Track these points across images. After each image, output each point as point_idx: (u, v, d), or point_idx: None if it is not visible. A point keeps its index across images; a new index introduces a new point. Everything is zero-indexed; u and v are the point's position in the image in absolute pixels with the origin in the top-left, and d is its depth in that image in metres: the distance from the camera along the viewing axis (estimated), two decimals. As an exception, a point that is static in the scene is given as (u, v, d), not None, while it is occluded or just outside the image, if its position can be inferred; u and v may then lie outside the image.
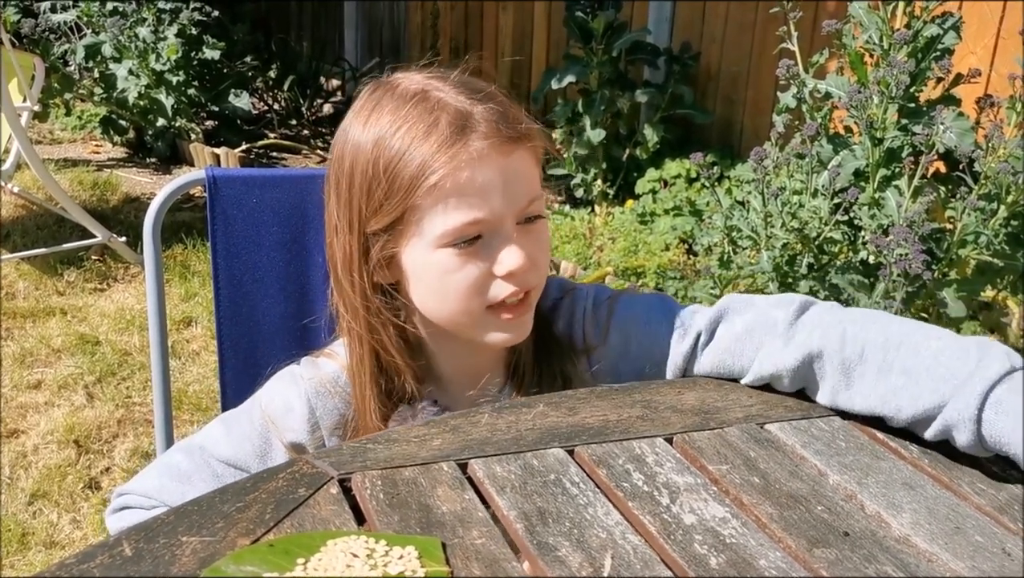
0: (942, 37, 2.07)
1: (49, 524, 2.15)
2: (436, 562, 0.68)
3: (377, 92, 1.02)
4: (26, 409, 2.61)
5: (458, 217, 0.95)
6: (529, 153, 1.00)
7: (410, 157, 0.95)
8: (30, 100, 3.46)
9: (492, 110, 0.98)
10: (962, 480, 0.85)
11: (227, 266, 1.28)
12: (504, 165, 0.97)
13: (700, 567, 0.70)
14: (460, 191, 0.95)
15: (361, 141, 0.99)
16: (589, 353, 1.09)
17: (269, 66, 5.75)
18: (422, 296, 1.01)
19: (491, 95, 1.01)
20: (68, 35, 5.03)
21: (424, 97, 0.98)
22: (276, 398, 1.06)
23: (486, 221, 0.96)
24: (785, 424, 0.93)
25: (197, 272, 3.52)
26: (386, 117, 0.98)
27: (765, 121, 3.92)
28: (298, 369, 1.08)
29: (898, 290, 1.94)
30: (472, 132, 0.96)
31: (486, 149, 0.95)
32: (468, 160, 0.95)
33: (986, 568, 0.72)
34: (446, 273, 0.98)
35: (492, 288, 0.98)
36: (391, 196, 0.96)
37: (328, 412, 1.05)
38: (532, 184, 1.00)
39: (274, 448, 1.05)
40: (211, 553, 0.68)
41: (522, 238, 0.98)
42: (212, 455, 1.05)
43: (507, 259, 0.97)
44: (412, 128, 0.96)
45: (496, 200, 0.96)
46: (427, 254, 0.98)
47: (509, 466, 0.81)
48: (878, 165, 2.12)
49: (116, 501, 1.07)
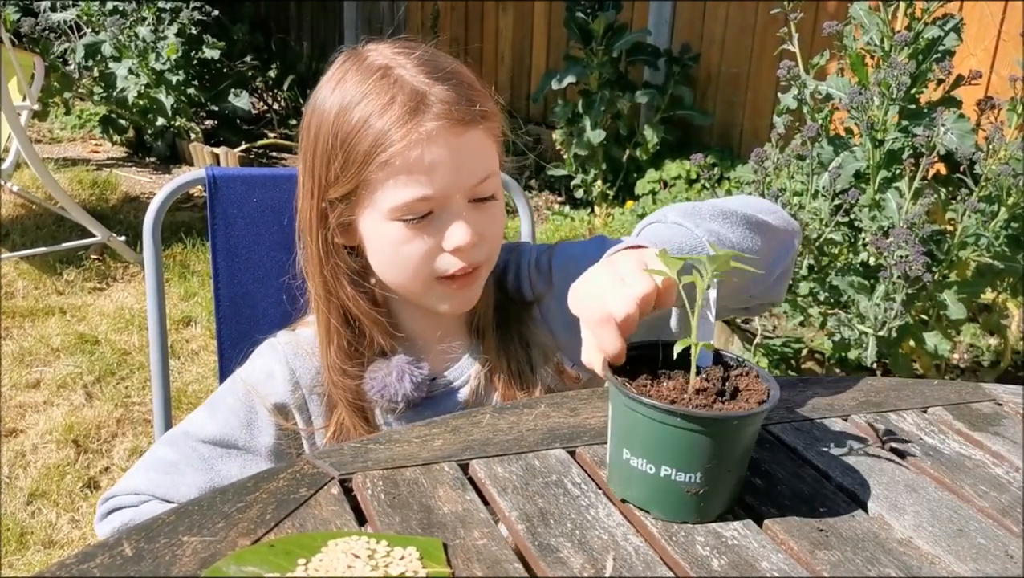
0: (943, 39, 2.07)
1: (48, 523, 2.15)
2: (437, 563, 0.67)
3: (347, 63, 1.05)
4: (25, 408, 2.61)
5: (407, 193, 0.99)
6: (484, 133, 1.02)
7: (365, 132, 0.99)
8: (30, 99, 3.46)
9: (448, 91, 1.00)
10: (964, 482, 0.85)
11: (227, 265, 1.28)
12: (456, 145, 0.99)
13: (702, 569, 0.70)
14: (410, 168, 0.98)
15: (325, 110, 1.03)
16: (539, 301, 1.14)
17: (269, 66, 5.75)
18: (377, 263, 1.06)
19: (452, 74, 1.03)
20: (68, 34, 5.03)
21: (385, 73, 1.01)
22: (257, 367, 1.09)
23: (434, 198, 0.99)
24: (787, 425, 0.92)
25: (197, 272, 3.51)
26: (350, 89, 1.02)
27: (765, 122, 3.92)
28: (275, 339, 1.12)
29: (898, 292, 1.94)
30: (425, 112, 0.98)
31: (438, 129, 0.98)
32: (419, 139, 0.97)
33: (989, 571, 0.72)
34: (397, 244, 1.02)
35: (440, 261, 1.02)
36: (347, 168, 1.00)
37: (306, 370, 1.09)
38: (485, 164, 1.02)
39: (259, 415, 1.07)
40: (212, 553, 0.67)
41: (472, 215, 1.01)
42: (197, 438, 1.06)
43: (454, 235, 1.00)
44: (370, 103, 0.99)
45: (445, 178, 0.99)
46: (380, 224, 1.02)
47: (511, 467, 0.81)
48: (879, 167, 2.12)
49: (103, 507, 1.08)
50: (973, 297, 2.16)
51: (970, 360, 2.84)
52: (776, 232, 1.01)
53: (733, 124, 4.14)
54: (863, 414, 0.96)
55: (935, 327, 2.19)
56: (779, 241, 1.02)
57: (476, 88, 1.04)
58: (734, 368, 0.80)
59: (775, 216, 1.03)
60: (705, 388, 0.76)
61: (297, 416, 1.08)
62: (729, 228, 0.95)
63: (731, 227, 0.96)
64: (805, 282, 2.15)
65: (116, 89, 4.75)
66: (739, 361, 0.81)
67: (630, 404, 0.74)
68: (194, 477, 1.04)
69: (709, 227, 0.94)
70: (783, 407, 0.96)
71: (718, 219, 0.95)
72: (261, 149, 5.06)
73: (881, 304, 2.00)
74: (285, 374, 1.08)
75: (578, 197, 4.22)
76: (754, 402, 0.75)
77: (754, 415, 0.74)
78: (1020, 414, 1.01)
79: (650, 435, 0.74)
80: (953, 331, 2.32)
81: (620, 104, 4.03)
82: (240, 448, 1.06)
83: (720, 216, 0.96)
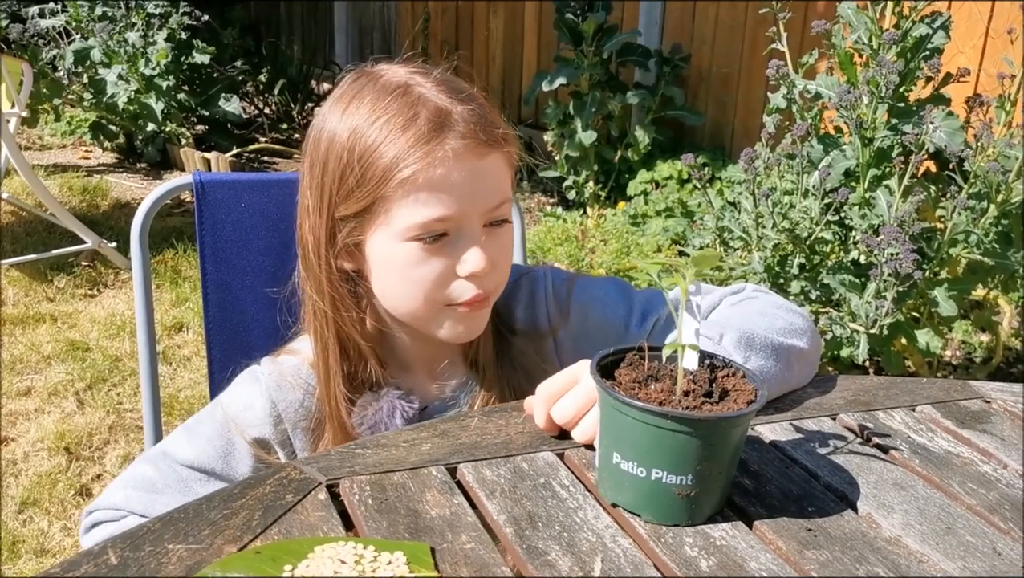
0: (931, 37, 2.07)
1: (40, 532, 2.14)
2: (425, 567, 0.67)
3: (359, 81, 1.03)
4: (16, 416, 2.60)
5: (427, 212, 0.96)
6: (503, 158, 1.01)
7: (385, 148, 0.96)
8: (18, 106, 3.45)
9: (472, 111, 0.99)
10: (952, 480, 0.85)
11: (216, 271, 1.27)
12: (477, 167, 0.98)
13: (691, 570, 0.69)
14: (432, 187, 0.96)
15: (338, 128, 1.00)
16: (555, 333, 1.12)
17: (259, 70, 5.74)
18: (382, 286, 1.03)
19: (472, 96, 1.02)
20: (57, 40, 5.02)
21: (406, 91, 0.99)
22: (237, 398, 1.07)
23: (454, 219, 0.98)
24: (775, 425, 0.92)
25: (188, 277, 3.50)
26: (366, 107, 0.99)
27: (756, 122, 3.92)
28: (258, 368, 1.09)
29: (889, 290, 1.94)
30: (450, 131, 0.97)
31: (462, 149, 0.97)
32: (443, 158, 0.96)
33: (977, 568, 0.72)
34: (409, 266, 0.99)
35: (453, 287, 1.00)
36: (363, 184, 0.98)
37: (290, 404, 1.06)
38: (503, 188, 1.01)
39: (236, 447, 1.05)
40: (197, 561, 0.67)
41: (488, 241, 1.00)
42: (175, 460, 1.05)
43: (470, 260, 0.98)
44: (391, 120, 0.97)
45: (466, 200, 0.97)
46: (393, 245, 0.99)
47: (499, 470, 0.81)
48: (868, 165, 2.13)
49: (86, 520, 1.07)
50: (964, 294, 2.16)
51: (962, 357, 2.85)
52: (808, 357, 1.02)
53: (724, 124, 4.15)
54: (852, 413, 0.96)
55: (926, 325, 2.19)
56: (810, 365, 1.03)
57: (495, 112, 1.03)
58: (721, 369, 0.80)
59: (807, 337, 1.02)
60: (693, 390, 0.76)
61: (279, 451, 1.06)
62: (774, 362, 0.95)
63: (776, 360, 0.95)
64: (796, 281, 2.16)
65: (106, 95, 4.74)
66: (726, 362, 0.81)
67: (620, 407, 0.73)
68: (171, 497, 1.02)
69: (756, 363, 0.93)
70: (772, 407, 0.96)
71: (767, 352, 0.95)
72: (252, 154, 5.05)
73: (872, 302, 2.00)
74: (266, 409, 1.05)
75: (570, 199, 4.22)
76: (742, 403, 0.75)
77: (744, 415, 0.73)
78: (1008, 411, 1.01)
79: (641, 438, 0.73)
80: (944, 328, 2.33)
81: (611, 105, 4.03)
82: (218, 475, 1.04)
83: (769, 348, 0.95)
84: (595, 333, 1.10)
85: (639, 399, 0.73)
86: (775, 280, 2.17)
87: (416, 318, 1.03)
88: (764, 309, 1.03)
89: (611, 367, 0.80)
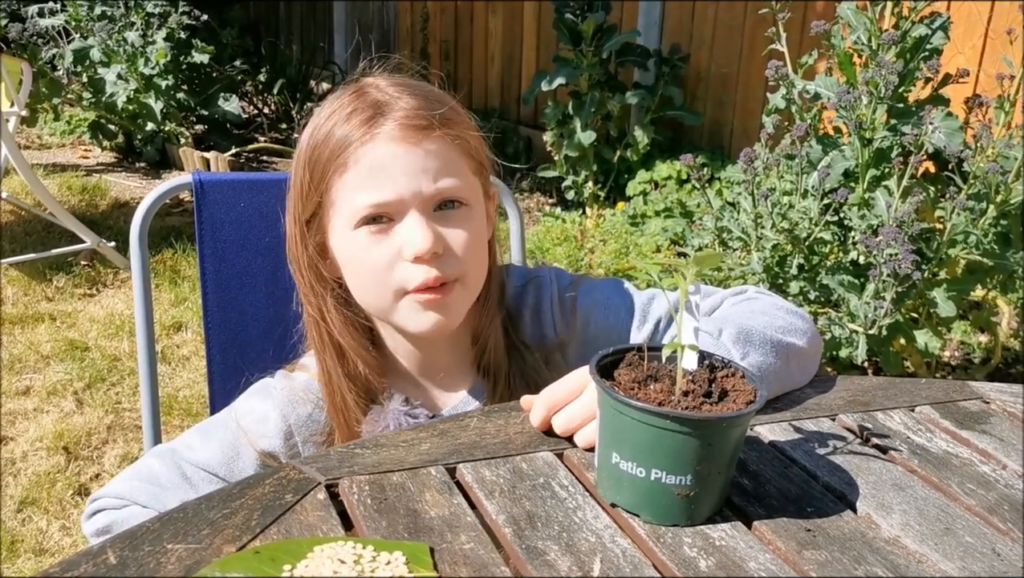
0: (930, 37, 2.07)
1: (38, 531, 2.14)
2: (424, 568, 0.67)
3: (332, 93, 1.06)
4: (15, 416, 2.60)
5: (365, 197, 0.98)
6: (447, 141, 1.01)
7: (328, 140, 1.00)
8: (17, 105, 3.44)
9: (411, 100, 1.00)
10: (952, 481, 0.85)
11: (215, 270, 1.27)
12: (414, 149, 0.98)
13: (690, 570, 0.69)
14: (368, 172, 0.98)
15: (303, 136, 1.04)
16: (564, 348, 1.12)
17: (259, 70, 5.74)
18: (349, 278, 1.04)
19: (421, 88, 1.03)
20: (56, 39, 5.01)
21: (358, 90, 1.02)
22: (251, 410, 1.07)
23: (389, 203, 0.98)
24: (774, 425, 0.92)
25: (187, 277, 3.50)
26: (325, 109, 1.03)
27: (755, 122, 3.92)
28: (272, 381, 1.10)
29: (888, 290, 1.94)
30: (384, 117, 0.98)
31: (396, 132, 0.98)
32: (375, 142, 0.97)
33: (976, 569, 0.72)
34: (360, 252, 1.00)
35: (401, 271, 0.99)
36: (312, 181, 1.01)
37: (302, 420, 1.06)
38: (447, 170, 1.00)
39: (242, 457, 1.05)
40: (196, 561, 0.67)
41: (437, 224, 0.99)
42: (184, 458, 1.05)
43: (410, 241, 0.98)
44: (336, 116, 1.00)
45: (401, 182, 0.98)
46: (346, 237, 1.01)
47: (498, 470, 0.81)
48: (867, 165, 2.13)
49: (90, 507, 1.07)
50: (963, 295, 2.16)
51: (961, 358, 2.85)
52: (808, 356, 1.02)
53: (723, 124, 4.15)
54: (850, 413, 0.96)
55: (925, 325, 2.19)
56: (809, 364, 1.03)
57: (444, 102, 1.03)
58: (720, 369, 0.80)
59: (807, 337, 1.02)
60: (692, 390, 0.76)
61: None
62: (773, 358, 0.96)
63: (775, 357, 0.96)
64: (795, 282, 2.16)
65: (105, 94, 4.74)
66: (725, 362, 0.81)
67: (619, 407, 0.73)
68: (176, 494, 1.03)
69: (754, 359, 0.94)
70: (771, 407, 0.96)
71: (765, 348, 0.96)
72: (251, 153, 5.05)
73: (871, 302, 2.00)
74: (279, 423, 1.05)
75: (569, 199, 4.22)
76: (742, 403, 0.75)
77: (743, 416, 0.73)
78: (1007, 412, 1.01)
79: (640, 438, 0.73)
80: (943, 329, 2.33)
81: (610, 105, 4.03)
82: (222, 479, 1.05)
83: (768, 345, 0.96)
84: (598, 338, 1.10)
85: (638, 399, 0.73)
86: (774, 280, 2.17)
87: (381, 310, 1.03)
88: (765, 309, 1.04)
89: (610, 367, 0.80)
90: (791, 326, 1.01)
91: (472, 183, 1.03)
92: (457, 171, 1.01)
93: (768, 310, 1.03)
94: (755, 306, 1.05)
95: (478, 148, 1.05)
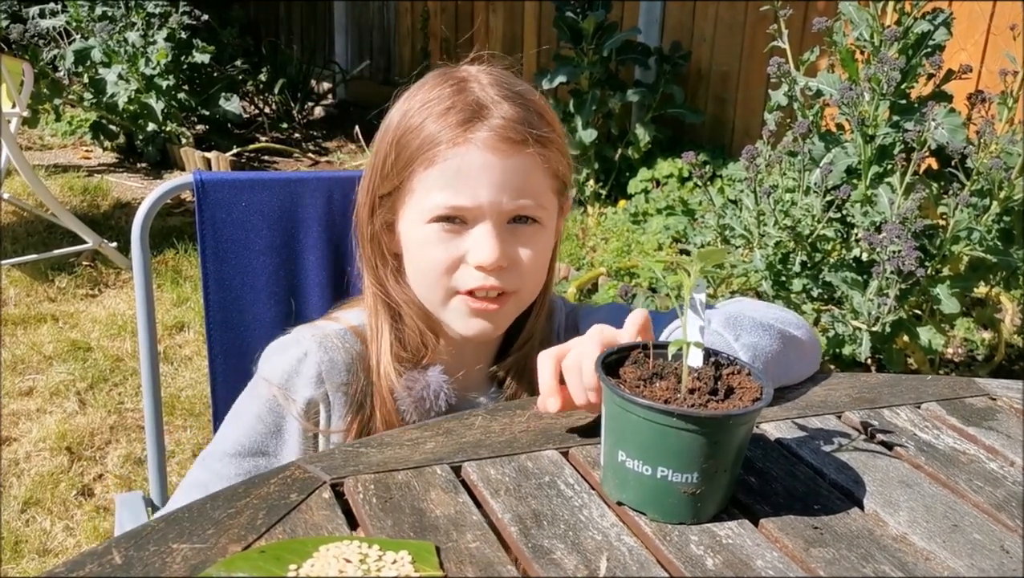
0: (933, 33, 2.07)
1: (42, 532, 2.14)
2: (430, 567, 0.67)
3: (433, 73, 1.06)
4: (18, 416, 2.60)
5: (445, 197, 0.98)
6: (537, 160, 1.01)
7: (421, 131, 1.00)
8: (19, 106, 3.44)
9: (511, 110, 1.00)
10: (959, 478, 0.85)
11: (216, 270, 1.27)
12: (503, 162, 0.98)
13: (696, 568, 0.69)
14: (453, 172, 0.98)
15: (394, 113, 1.05)
16: None
17: (259, 69, 5.74)
18: (409, 268, 1.06)
19: (522, 96, 1.03)
20: (57, 40, 5.01)
21: (460, 83, 1.02)
22: (279, 365, 1.05)
23: (468, 209, 0.99)
24: (781, 423, 0.92)
25: (189, 277, 3.50)
26: (422, 94, 1.03)
27: (756, 120, 3.92)
28: (294, 332, 1.09)
29: (891, 287, 1.94)
30: (482, 122, 0.98)
31: (490, 141, 0.98)
32: (468, 146, 0.97)
33: (984, 566, 0.72)
34: (425, 246, 1.01)
35: (461, 273, 1.01)
36: (396, 164, 1.01)
37: (333, 365, 1.05)
38: (530, 188, 1.01)
39: (287, 421, 1.04)
40: (202, 560, 0.67)
41: (508, 237, 1.00)
42: (225, 454, 1.04)
43: (479, 250, 0.99)
44: (434, 106, 1.00)
45: (484, 192, 0.98)
46: (416, 227, 1.02)
47: (503, 469, 0.81)
48: (870, 162, 2.12)
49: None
50: (966, 291, 2.15)
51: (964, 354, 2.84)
52: (804, 347, 1.02)
53: (724, 122, 4.14)
54: (857, 410, 0.96)
55: (928, 322, 2.19)
56: (807, 355, 1.03)
57: (543, 116, 1.03)
58: (726, 367, 0.80)
59: (802, 331, 1.03)
60: (698, 388, 0.76)
61: (321, 410, 1.05)
62: (767, 340, 0.96)
63: (769, 339, 0.96)
64: (798, 279, 2.15)
65: (106, 95, 4.74)
66: (731, 360, 0.81)
67: (625, 405, 0.73)
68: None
69: (748, 340, 0.94)
70: (777, 405, 0.95)
71: (757, 331, 0.96)
72: (252, 153, 5.04)
73: (874, 300, 2.00)
74: (311, 370, 1.04)
75: (571, 197, 4.21)
76: (748, 400, 0.75)
77: (749, 413, 0.73)
78: (1014, 408, 1.00)
79: (646, 436, 0.73)
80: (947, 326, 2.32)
81: (611, 103, 4.03)
82: (267, 454, 1.03)
83: (759, 328, 0.96)
84: None
85: (644, 397, 0.73)
86: (777, 278, 2.17)
87: (431, 303, 1.05)
88: (756, 306, 1.05)
89: (615, 365, 0.80)
90: (784, 318, 1.02)
91: (550, 202, 1.04)
92: (539, 191, 1.02)
93: (759, 307, 1.04)
94: (745, 304, 1.06)
95: (564, 169, 1.06)
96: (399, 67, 5.95)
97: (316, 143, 5.44)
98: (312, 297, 1.29)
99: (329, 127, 5.72)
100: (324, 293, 1.29)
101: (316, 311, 1.29)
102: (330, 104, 6.17)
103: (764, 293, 2.16)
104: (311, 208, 1.28)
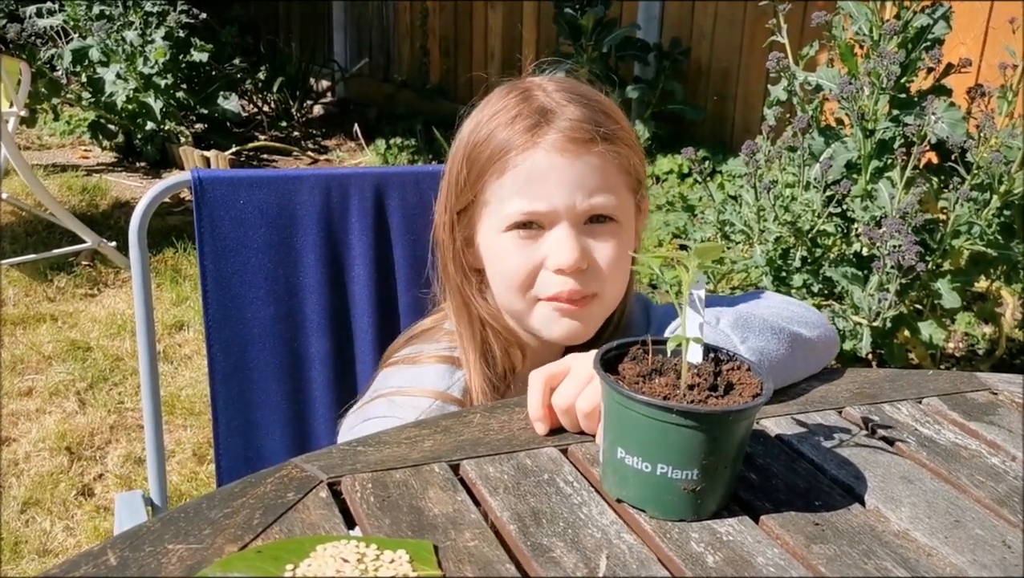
0: (932, 27, 2.06)
1: (42, 532, 2.13)
2: (428, 565, 0.66)
3: (496, 89, 1.07)
4: (17, 417, 2.59)
5: (519, 203, 0.99)
6: (607, 157, 1.00)
7: (489, 142, 1.00)
8: (17, 105, 3.44)
9: (577, 111, 1.00)
10: (961, 473, 0.84)
11: (215, 268, 1.27)
12: (573, 163, 0.98)
13: (697, 566, 0.69)
14: (525, 177, 0.98)
15: (464, 128, 1.06)
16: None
17: (258, 68, 5.73)
18: (491, 280, 1.06)
19: (587, 96, 1.03)
20: (55, 39, 5.01)
21: (524, 92, 1.03)
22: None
23: (543, 213, 0.99)
24: (781, 419, 0.92)
25: (189, 276, 3.50)
26: (490, 107, 1.04)
27: (756, 115, 3.91)
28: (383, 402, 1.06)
29: (892, 282, 1.93)
30: (549, 126, 0.99)
31: (558, 143, 0.98)
32: (536, 151, 0.98)
33: (987, 561, 0.71)
34: (504, 255, 1.01)
35: (541, 280, 1.01)
36: (469, 178, 1.02)
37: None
38: (603, 186, 1.00)
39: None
40: (198, 561, 0.66)
41: (585, 238, 1.00)
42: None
43: (557, 254, 0.99)
44: (501, 116, 1.01)
45: (557, 194, 0.98)
46: (495, 237, 1.02)
47: (502, 466, 0.80)
48: (870, 157, 2.12)
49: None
50: (967, 286, 2.15)
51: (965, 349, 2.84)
52: (816, 348, 1.01)
53: (724, 117, 4.14)
54: (858, 406, 0.95)
55: (929, 317, 2.18)
56: (817, 356, 1.02)
57: (610, 115, 1.03)
58: (725, 363, 0.79)
59: (818, 332, 1.01)
60: (697, 383, 0.75)
61: None
62: (775, 344, 0.94)
63: (776, 343, 0.95)
64: (799, 274, 2.15)
65: (104, 94, 4.73)
66: (730, 355, 0.80)
67: (624, 402, 0.73)
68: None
69: (754, 344, 0.93)
70: (777, 400, 0.95)
71: (765, 334, 0.94)
72: (251, 152, 5.04)
73: (875, 295, 2.00)
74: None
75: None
76: (748, 396, 0.74)
77: (749, 409, 0.73)
78: (1015, 403, 1.00)
79: (646, 433, 0.73)
80: (948, 320, 2.32)
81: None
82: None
83: (768, 331, 0.95)
84: None
85: (643, 393, 0.72)
86: (777, 273, 2.16)
87: (516, 313, 1.05)
88: (773, 303, 1.03)
89: (615, 361, 0.79)
90: (799, 317, 1.00)
91: (625, 199, 1.04)
92: (613, 188, 1.01)
93: (777, 304, 1.03)
94: (763, 300, 1.05)
95: (637, 165, 1.05)
96: (398, 65, 5.94)
97: (315, 141, 5.44)
98: (311, 295, 1.29)
99: (328, 125, 5.71)
100: (323, 290, 1.29)
101: (315, 309, 1.28)
102: (329, 102, 6.17)
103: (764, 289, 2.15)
104: (310, 205, 1.28)
